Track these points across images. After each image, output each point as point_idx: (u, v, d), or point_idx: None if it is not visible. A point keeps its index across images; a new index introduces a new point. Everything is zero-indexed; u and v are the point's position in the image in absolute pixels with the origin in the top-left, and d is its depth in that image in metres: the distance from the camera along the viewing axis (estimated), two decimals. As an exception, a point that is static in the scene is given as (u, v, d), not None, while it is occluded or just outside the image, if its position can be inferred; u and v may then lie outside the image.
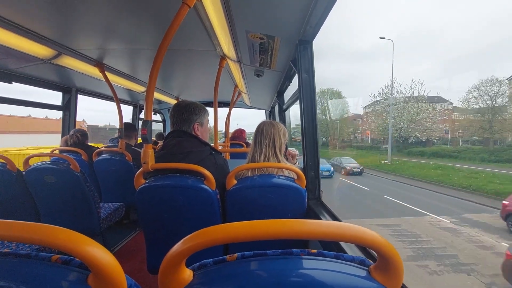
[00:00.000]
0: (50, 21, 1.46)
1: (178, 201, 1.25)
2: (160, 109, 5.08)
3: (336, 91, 35.35)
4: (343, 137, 31.72)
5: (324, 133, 32.56)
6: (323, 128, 32.32)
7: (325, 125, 32.70)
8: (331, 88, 35.31)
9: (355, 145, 29.27)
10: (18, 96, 2.35)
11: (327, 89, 34.87)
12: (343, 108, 34.17)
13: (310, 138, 1.63)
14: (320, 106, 33.23)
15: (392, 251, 0.39)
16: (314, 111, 1.62)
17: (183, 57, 2.12)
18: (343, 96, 35.40)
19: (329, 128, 32.80)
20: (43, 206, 2.02)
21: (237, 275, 0.42)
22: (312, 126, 1.62)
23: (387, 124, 23.89)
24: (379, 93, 25.66)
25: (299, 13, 1.27)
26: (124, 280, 0.40)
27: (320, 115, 33.24)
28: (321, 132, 32.26)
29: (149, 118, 1.29)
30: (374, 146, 25.98)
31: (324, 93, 35.11)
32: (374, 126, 25.91)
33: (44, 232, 0.38)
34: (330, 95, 35.62)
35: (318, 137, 1.64)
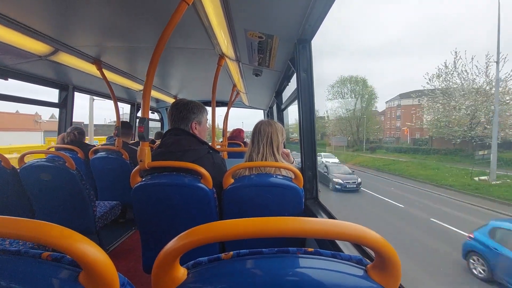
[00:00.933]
0: (47, 17, 1.44)
1: (175, 199, 1.24)
2: (158, 108, 5.06)
3: (360, 79, 29.94)
4: (368, 137, 27.84)
5: (344, 131, 28.52)
6: (343, 126, 28.82)
7: (346, 121, 28.75)
8: (355, 76, 30.21)
9: (384, 147, 24.78)
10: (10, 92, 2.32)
11: (349, 77, 30.00)
12: (369, 100, 29.53)
13: (308, 138, 1.62)
14: (340, 98, 29.53)
15: (390, 250, 0.39)
16: (312, 110, 1.62)
17: (181, 56, 2.11)
18: (369, 86, 29.91)
19: (351, 125, 28.47)
20: (38, 204, 2.00)
21: (232, 273, 0.42)
22: (310, 126, 1.62)
23: (449, 117, 17.17)
24: (436, 74, 18.65)
25: (298, 12, 1.26)
26: (116, 278, 0.40)
27: (340, 109, 29.65)
28: (340, 131, 28.76)
29: (146, 116, 1.28)
30: (417, 149, 20.46)
31: (346, 81, 30.09)
32: (428, 121, 19.77)
33: (34, 228, 0.37)
34: (354, 84, 30.01)
35: (316, 136, 1.64)
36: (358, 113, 29.20)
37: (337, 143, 28.13)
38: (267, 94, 3.70)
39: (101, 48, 1.93)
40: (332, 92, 31.19)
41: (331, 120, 30.96)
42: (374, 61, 54.67)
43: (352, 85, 30.06)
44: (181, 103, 1.43)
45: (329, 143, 30.25)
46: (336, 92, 30.84)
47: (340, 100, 30.58)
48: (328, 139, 31.44)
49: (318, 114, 32.11)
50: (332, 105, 31.16)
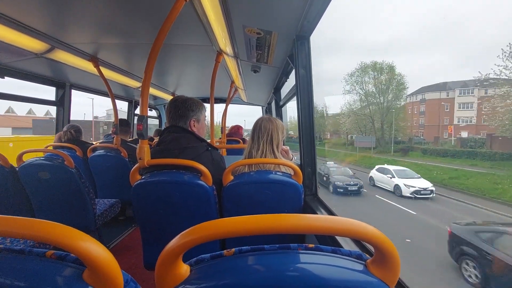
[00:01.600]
0: (43, 14, 1.43)
1: (174, 197, 1.24)
2: (156, 105, 5.03)
3: (386, 65, 24.62)
4: (394, 135, 23.04)
5: (363, 128, 24.27)
6: (361, 124, 24.56)
7: (368, 117, 24.22)
8: (379, 62, 24.77)
9: (418, 148, 19.98)
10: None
11: (372, 64, 24.80)
12: (398, 91, 24.27)
13: (307, 135, 1.63)
14: (360, 89, 24.70)
15: (389, 246, 0.39)
16: (311, 107, 1.62)
17: (179, 52, 2.10)
18: (397, 74, 24.41)
19: (373, 121, 23.91)
20: (37, 202, 2.00)
21: (234, 270, 0.42)
22: (309, 123, 1.62)
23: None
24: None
25: (296, 8, 1.26)
26: (120, 275, 0.40)
27: (358, 103, 25.72)
28: (358, 129, 25.00)
29: (145, 114, 1.28)
30: (472, 152, 14.96)
31: (367, 68, 25.09)
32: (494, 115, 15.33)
33: (39, 227, 0.37)
34: (378, 71, 24.67)
35: (315, 133, 1.64)
36: (384, 106, 24.47)
37: (361, 143, 23.36)
38: (265, 90, 3.69)
39: (98, 45, 1.92)
40: (350, 82, 26.54)
41: (347, 116, 26.70)
42: (380, 57, 54.43)
43: (376, 72, 25.07)
44: (179, 100, 1.42)
45: (326, 139, 28.87)
46: (355, 82, 26.19)
47: (359, 91, 25.90)
48: (338, 138, 28.30)
49: (319, 110, 30.34)
50: (350, 98, 27.24)
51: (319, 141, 28.94)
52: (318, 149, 4.86)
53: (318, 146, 18.75)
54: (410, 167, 14.65)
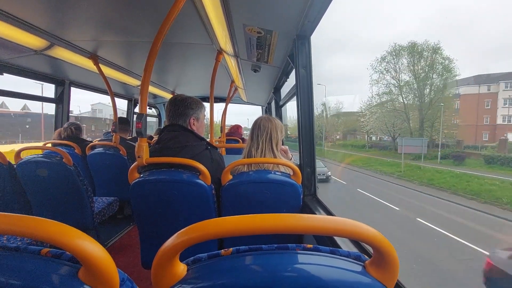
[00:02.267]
0: (43, 11, 1.42)
1: (173, 196, 1.24)
2: (155, 104, 5.02)
3: (431, 47, 18.94)
4: (434, 136, 18.08)
5: (394, 127, 19.26)
6: (389, 122, 19.41)
7: (401, 113, 19.09)
8: (420, 43, 19.10)
9: (484, 156, 15.00)
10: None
11: (410, 45, 19.42)
12: (446, 79, 18.57)
13: (307, 135, 1.62)
14: (390, 78, 19.43)
15: (388, 247, 0.39)
16: (311, 107, 1.61)
17: (179, 51, 2.09)
18: (445, 57, 18.89)
19: (408, 118, 18.76)
20: (35, 200, 1.99)
21: (231, 269, 0.42)
22: (309, 122, 1.62)
23: None
24: None
25: (297, 7, 1.25)
26: (116, 274, 0.40)
27: (387, 95, 20.45)
28: (386, 128, 20.01)
29: (144, 112, 1.27)
30: None
31: (402, 52, 19.71)
32: None
33: (34, 225, 0.37)
34: (417, 56, 19.21)
35: (314, 133, 1.64)
36: (426, 99, 18.70)
37: (408, 148, 17.64)
38: (265, 90, 3.69)
39: (98, 42, 1.91)
40: (378, 70, 21.34)
41: (371, 113, 22.05)
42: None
43: (414, 57, 19.34)
44: (179, 99, 1.42)
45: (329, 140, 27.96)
46: (385, 70, 20.75)
47: (391, 81, 20.23)
48: (354, 139, 26.10)
49: (331, 107, 29.24)
50: (378, 89, 21.82)
51: (330, 142, 28.14)
52: (333, 151, 4.69)
53: (329, 147, 19.66)
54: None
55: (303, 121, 1.62)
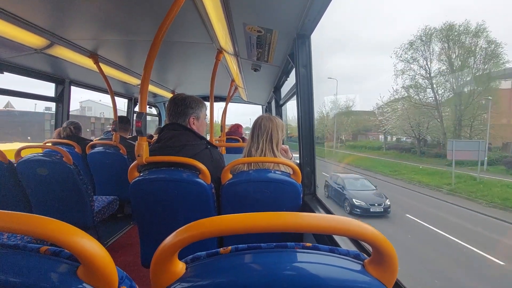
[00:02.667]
0: (42, 10, 1.42)
1: (173, 194, 1.24)
2: (155, 103, 5.03)
3: (469, 30, 15.33)
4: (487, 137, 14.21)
5: (420, 127, 16.10)
6: (413, 121, 16.44)
7: (432, 109, 15.47)
8: (456, 26, 15.62)
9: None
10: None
11: (444, 27, 15.95)
12: (491, 67, 15.07)
13: (307, 134, 1.62)
14: (419, 68, 16.19)
15: (387, 246, 0.39)
16: (311, 106, 1.61)
17: (179, 50, 2.09)
18: (492, 41, 15.08)
19: (441, 116, 15.16)
20: (35, 198, 1.99)
21: (230, 268, 0.42)
22: (309, 122, 1.62)
23: None
24: None
25: (297, 6, 1.25)
26: (115, 272, 0.40)
27: (412, 91, 17.19)
28: (409, 127, 16.89)
29: (144, 111, 1.27)
30: None
31: (434, 36, 16.06)
32: None
33: (33, 223, 0.37)
34: (452, 41, 15.66)
35: (314, 132, 1.64)
36: (465, 92, 15.12)
37: (461, 153, 13.53)
38: (265, 89, 3.69)
39: (98, 41, 1.91)
40: (405, 58, 17.81)
41: (393, 110, 18.80)
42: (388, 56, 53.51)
43: (449, 43, 15.84)
44: (179, 98, 1.42)
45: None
46: (412, 58, 17.21)
47: (418, 71, 16.82)
48: (366, 139, 24.02)
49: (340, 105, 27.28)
50: (403, 82, 18.16)
51: (340, 143, 26.06)
52: (346, 153, 4.33)
53: (338, 149, 19.42)
54: None
55: (303, 120, 1.62)
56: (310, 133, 1.62)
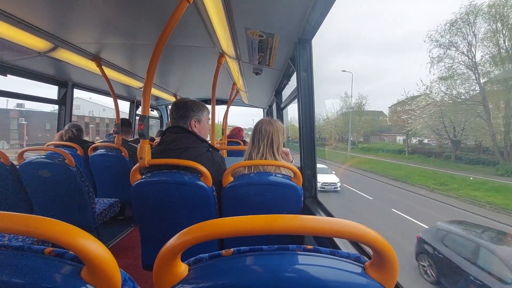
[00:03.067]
0: (46, 13, 1.44)
1: (174, 197, 1.24)
2: (158, 106, 5.05)
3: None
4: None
5: (452, 128, 13.00)
6: (453, 118, 12.99)
7: (476, 105, 11.61)
8: None
9: None
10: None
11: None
12: None
13: (308, 137, 1.63)
14: (459, 54, 12.17)
15: (388, 248, 0.39)
16: (312, 109, 1.62)
17: (181, 53, 2.11)
18: None
19: (489, 114, 10.88)
20: (37, 200, 2.00)
21: (232, 270, 0.42)
22: (310, 125, 1.63)
23: None
24: None
25: (299, 11, 1.26)
26: (118, 273, 0.40)
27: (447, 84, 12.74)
28: (443, 127, 13.57)
29: (146, 114, 1.28)
30: None
31: (479, 14, 11.95)
32: None
33: (37, 224, 0.37)
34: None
35: (315, 135, 1.65)
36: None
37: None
38: (266, 92, 3.70)
39: (101, 45, 1.93)
40: (442, 43, 13.80)
41: (422, 107, 15.29)
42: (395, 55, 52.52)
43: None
44: (181, 101, 1.43)
45: None
46: (451, 43, 13.19)
47: (457, 58, 12.95)
48: (380, 141, 20.67)
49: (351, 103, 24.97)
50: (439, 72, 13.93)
51: (352, 145, 23.27)
52: (365, 159, 3.85)
53: (353, 151, 16.94)
54: None
55: (304, 123, 1.63)
56: (311, 136, 1.63)
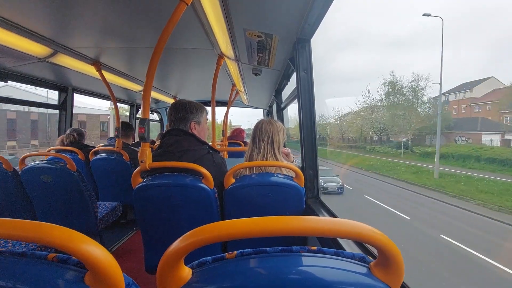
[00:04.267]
0: (46, 19, 1.44)
1: (176, 200, 1.24)
2: (158, 109, 5.05)
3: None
4: None
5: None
6: None
7: None
8: None
9: None
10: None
11: None
12: None
13: (309, 137, 1.63)
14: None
15: (393, 248, 0.39)
16: (313, 109, 1.62)
17: (180, 56, 2.11)
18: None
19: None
20: (39, 205, 2.00)
21: (236, 272, 0.42)
22: (311, 125, 1.62)
23: None
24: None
25: (297, 11, 1.26)
26: (121, 278, 0.40)
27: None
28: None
29: (146, 117, 1.28)
30: None
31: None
32: None
33: (40, 230, 0.37)
34: None
35: (316, 135, 1.64)
36: None
37: None
38: (266, 93, 3.70)
39: (100, 49, 1.93)
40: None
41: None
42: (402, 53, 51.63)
43: None
44: (179, 103, 1.43)
45: None
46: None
47: None
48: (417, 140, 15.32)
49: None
50: None
51: (380, 144, 18.26)
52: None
53: (406, 157, 11.72)
54: None
55: (305, 123, 1.62)
56: (312, 136, 1.63)
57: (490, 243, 8.47)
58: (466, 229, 9.31)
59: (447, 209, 10.71)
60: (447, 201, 11.21)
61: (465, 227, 9.47)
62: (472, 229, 9.33)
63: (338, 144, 21.93)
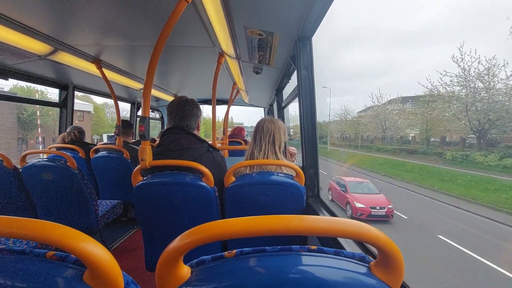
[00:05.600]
0: (46, 17, 1.44)
1: (176, 198, 1.24)
2: (158, 107, 5.05)
3: None
4: None
5: None
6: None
7: None
8: None
9: None
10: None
11: None
12: None
13: (309, 136, 1.62)
14: None
15: (393, 248, 0.39)
16: (314, 108, 1.61)
17: (181, 54, 2.10)
18: None
19: None
20: (40, 203, 2.01)
21: (235, 271, 0.42)
22: (311, 123, 1.62)
23: None
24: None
25: (298, 9, 1.26)
26: (120, 276, 0.40)
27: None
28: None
29: (147, 115, 1.28)
30: None
31: None
32: None
33: (39, 228, 0.37)
34: None
35: (317, 134, 1.64)
36: None
37: None
38: (267, 91, 3.69)
39: (101, 47, 1.93)
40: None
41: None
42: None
43: None
44: (184, 100, 1.43)
45: None
46: None
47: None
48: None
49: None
50: None
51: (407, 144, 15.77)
52: None
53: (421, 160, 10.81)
54: None
55: (306, 122, 1.62)
56: (312, 135, 1.62)
57: None
58: None
59: None
60: None
61: None
62: None
63: (375, 146, 20.07)
